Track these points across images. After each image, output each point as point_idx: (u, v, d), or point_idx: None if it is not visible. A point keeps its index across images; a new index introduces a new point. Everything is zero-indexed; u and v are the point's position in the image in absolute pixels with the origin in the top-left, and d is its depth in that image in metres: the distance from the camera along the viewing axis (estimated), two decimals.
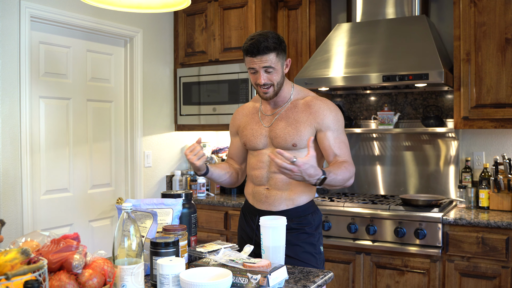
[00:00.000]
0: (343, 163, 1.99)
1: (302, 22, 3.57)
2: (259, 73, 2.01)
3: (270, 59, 1.99)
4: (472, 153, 3.33)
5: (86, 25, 3.24)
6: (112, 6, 1.79)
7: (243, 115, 2.26)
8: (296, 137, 2.03)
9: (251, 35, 2.03)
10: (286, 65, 2.08)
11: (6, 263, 1.10)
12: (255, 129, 2.14)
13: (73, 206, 3.26)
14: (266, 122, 2.13)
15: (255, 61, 2.00)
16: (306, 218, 2.08)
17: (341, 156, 2.03)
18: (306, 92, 2.16)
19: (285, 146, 2.05)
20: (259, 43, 1.97)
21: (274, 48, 1.99)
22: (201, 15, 3.82)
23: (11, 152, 2.82)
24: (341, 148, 2.04)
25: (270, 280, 1.41)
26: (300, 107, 2.09)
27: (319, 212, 2.16)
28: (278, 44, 2.00)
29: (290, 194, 2.07)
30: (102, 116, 3.48)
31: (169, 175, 3.96)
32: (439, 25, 3.43)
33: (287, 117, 2.08)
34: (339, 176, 1.92)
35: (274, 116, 2.12)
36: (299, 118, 2.06)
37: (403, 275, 2.90)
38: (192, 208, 1.87)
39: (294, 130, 2.04)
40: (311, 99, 2.09)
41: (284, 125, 2.07)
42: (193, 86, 3.85)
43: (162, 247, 1.49)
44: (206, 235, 3.54)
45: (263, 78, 2.01)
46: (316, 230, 2.10)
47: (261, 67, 2.00)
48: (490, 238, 2.69)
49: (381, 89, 3.49)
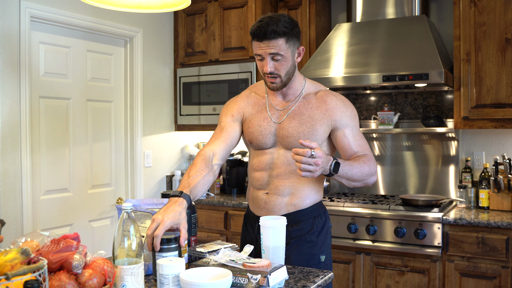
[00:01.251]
0: (362, 156, 1.85)
1: (302, 22, 3.57)
2: (266, 60, 1.81)
3: (278, 45, 1.78)
4: (472, 153, 3.33)
5: (86, 25, 3.24)
6: (112, 6, 1.79)
7: (250, 104, 2.00)
8: (311, 136, 1.85)
9: (261, 17, 1.82)
10: (298, 53, 1.87)
11: (6, 263, 1.10)
12: (264, 126, 1.92)
13: (73, 206, 3.26)
14: (276, 118, 1.92)
15: (262, 46, 1.79)
16: (308, 223, 1.91)
17: (360, 152, 1.88)
18: (317, 85, 1.98)
19: (298, 146, 1.80)
20: (267, 25, 1.76)
21: (284, 33, 1.78)
22: (201, 15, 3.82)
23: (11, 152, 2.82)
24: (361, 145, 1.89)
25: (270, 280, 1.41)
26: (314, 102, 1.90)
27: (326, 217, 1.97)
28: (289, 28, 1.79)
29: (292, 199, 1.91)
30: (102, 116, 3.48)
31: (169, 175, 3.96)
32: (439, 25, 3.43)
33: (301, 114, 1.89)
34: (355, 169, 1.77)
35: (285, 111, 1.91)
36: (314, 115, 1.87)
37: (403, 275, 2.90)
38: (192, 208, 1.87)
39: (309, 129, 1.86)
40: (326, 94, 1.91)
41: (298, 123, 1.87)
42: (193, 86, 3.85)
43: (164, 243, 1.49)
44: (206, 235, 3.54)
45: (269, 66, 1.81)
46: (317, 237, 1.91)
47: (267, 53, 1.79)
48: (490, 238, 2.69)
49: (381, 89, 3.49)
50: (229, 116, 1.98)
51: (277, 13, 1.84)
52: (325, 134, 1.89)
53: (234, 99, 2.03)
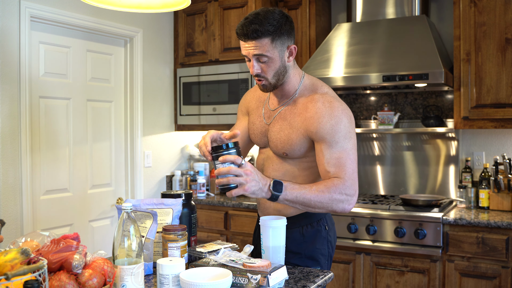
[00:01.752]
0: (328, 181, 1.62)
1: (302, 22, 3.57)
2: (252, 61, 1.67)
3: (262, 45, 1.62)
4: (472, 153, 3.33)
5: (86, 25, 3.24)
6: (112, 6, 1.79)
7: (255, 98, 1.95)
8: (286, 145, 1.73)
9: (250, 13, 1.67)
10: (290, 52, 1.69)
11: (6, 263, 1.10)
12: (256, 125, 1.88)
13: (73, 206, 3.26)
14: (267, 118, 1.83)
15: (246, 46, 1.65)
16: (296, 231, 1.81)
17: (333, 174, 1.63)
18: (317, 86, 1.77)
19: (278, 153, 1.78)
20: (250, 24, 1.61)
21: (269, 32, 1.61)
22: (201, 15, 3.82)
23: (11, 152, 2.82)
24: (338, 164, 1.63)
25: (270, 280, 1.41)
26: (299, 107, 1.73)
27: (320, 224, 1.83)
28: (276, 27, 1.61)
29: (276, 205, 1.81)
30: (102, 116, 3.48)
31: (169, 175, 3.96)
32: (439, 25, 3.43)
33: (284, 118, 1.76)
34: (308, 194, 1.57)
35: (275, 112, 1.81)
36: (294, 122, 1.72)
37: (403, 275, 2.90)
38: (192, 208, 1.87)
39: (285, 137, 1.73)
40: (313, 99, 1.70)
41: (278, 129, 1.76)
42: (193, 86, 3.86)
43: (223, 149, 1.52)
44: (206, 235, 3.54)
45: (255, 68, 1.67)
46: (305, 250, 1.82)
47: (251, 54, 1.65)
48: (490, 238, 2.69)
49: (381, 89, 3.49)
50: (239, 111, 2.02)
51: (266, 8, 1.67)
52: (302, 145, 1.71)
53: (247, 92, 2.03)
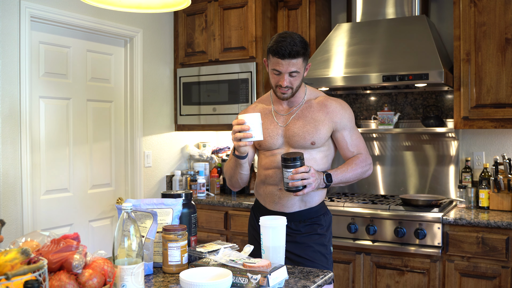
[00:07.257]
0: (354, 158, 2.11)
1: (302, 22, 3.57)
2: (283, 76, 2.00)
3: (297, 63, 1.98)
4: (472, 153, 3.33)
5: (86, 25, 3.24)
6: (112, 6, 1.79)
7: (259, 111, 2.19)
8: (315, 135, 2.05)
9: (280, 36, 1.99)
10: (306, 69, 2.08)
11: (6, 263, 1.10)
12: (271, 129, 2.12)
13: (73, 206, 3.26)
14: (282, 122, 2.12)
15: (283, 64, 1.97)
16: (318, 219, 2.11)
17: (356, 152, 2.13)
18: (317, 92, 2.19)
19: (304, 145, 2.06)
20: (290, 46, 1.95)
21: (303, 53, 1.99)
22: (201, 15, 3.82)
23: (11, 152, 2.82)
24: (357, 145, 2.13)
25: (270, 280, 1.41)
26: (315, 106, 2.11)
27: (330, 213, 2.20)
28: (305, 49, 2.00)
29: (303, 196, 2.06)
30: (102, 116, 3.48)
31: (169, 175, 3.96)
32: (439, 25, 3.43)
33: (304, 116, 2.09)
34: (348, 173, 2.06)
35: (290, 115, 2.12)
36: (316, 117, 2.08)
37: (403, 275, 2.90)
38: (192, 208, 1.87)
39: (313, 129, 2.06)
40: (325, 99, 2.13)
41: (302, 124, 2.07)
42: (193, 86, 3.85)
43: (291, 162, 1.87)
44: (206, 235, 3.54)
45: (286, 82, 2.00)
46: (327, 231, 2.13)
47: (287, 71, 1.98)
48: (490, 238, 2.69)
49: (381, 89, 3.49)
50: None
51: (288, 32, 2.03)
52: (327, 133, 2.09)
53: (247, 109, 2.27)
